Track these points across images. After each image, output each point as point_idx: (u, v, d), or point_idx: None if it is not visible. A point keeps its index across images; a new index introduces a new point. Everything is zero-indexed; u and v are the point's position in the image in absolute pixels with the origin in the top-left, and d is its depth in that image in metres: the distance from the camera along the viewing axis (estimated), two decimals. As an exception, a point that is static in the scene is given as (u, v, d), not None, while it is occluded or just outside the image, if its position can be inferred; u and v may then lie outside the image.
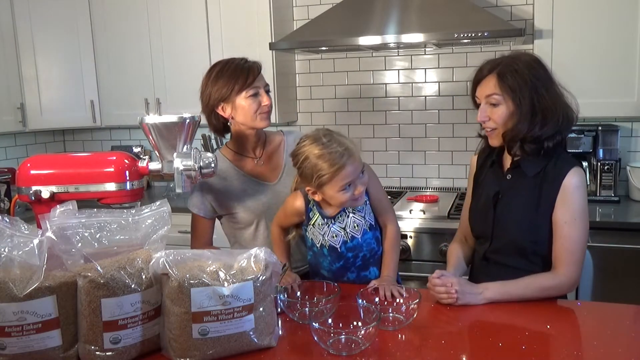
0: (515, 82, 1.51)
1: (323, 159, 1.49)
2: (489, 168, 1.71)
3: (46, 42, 3.34)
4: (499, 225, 1.63)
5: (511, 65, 1.54)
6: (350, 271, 1.69)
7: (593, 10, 2.64)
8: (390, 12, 2.83)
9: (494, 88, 1.55)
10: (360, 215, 1.64)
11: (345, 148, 1.50)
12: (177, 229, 3.06)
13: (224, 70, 1.78)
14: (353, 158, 1.51)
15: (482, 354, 1.23)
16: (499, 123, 1.55)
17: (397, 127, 3.34)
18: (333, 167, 1.48)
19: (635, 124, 2.98)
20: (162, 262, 1.19)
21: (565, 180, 1.52)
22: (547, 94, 1.52)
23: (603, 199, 2.82)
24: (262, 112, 1.78)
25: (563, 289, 1.53)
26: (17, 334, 1.15)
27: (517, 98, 1.51)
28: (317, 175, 1.50)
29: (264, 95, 1.78)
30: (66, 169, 1.45)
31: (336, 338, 1.25)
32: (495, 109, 1.55)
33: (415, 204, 2.92)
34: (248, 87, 1.74)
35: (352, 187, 1.53)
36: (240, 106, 1.76)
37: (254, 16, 3.10)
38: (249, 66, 1.77)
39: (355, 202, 1.59)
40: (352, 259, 1.67)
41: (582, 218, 1.53)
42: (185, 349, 1.18)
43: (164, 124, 1.43)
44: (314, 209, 1.65)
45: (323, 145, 1.50)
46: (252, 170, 1.87)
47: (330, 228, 1.64)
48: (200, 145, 3.34)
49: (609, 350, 1.22)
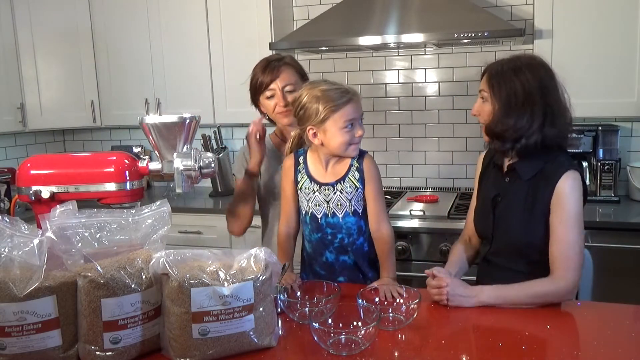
0: (501, 79, 1.55)
1: (330, 92, 1.55)
2: (492, 168, 1.72)
3: (46, 42, 3.34)
4: (498, 227, 1.63)
5: (506, 64, 1.57)
6: (329, 250, 1.69)
7: (593, 10, 2.64)
8: (390, 12, 2.83)
9: (484, 84, 1.60)
10: (347, 198, 1.63)
11: (347, 87, 1.58)
12: (177, 229, 3.07)
13: (254, 74, 1.90)
14: (357, 97, 1.57)
15: (482, 354, 1.23)
16: (485, 119, 1.59)
17: (397, 127, 3.34)
18: (341, 99, 1.54)
19: (635, 124, 2.98)
20: (162, 262, 1.19)
21: (558, 184, 1.50)
22: (548, 96, 1.53)
23: (603, 199, 2.82)
24: (278, 112, 1.88)
25: (561, 295, 1.48)
26: (17, 334, 1.15)
27: (497, 95, 1.55)
28: (323, 107, 1.53)
29: (280, 96, 1.85)
30: (66, 169, 1.45)
31: (336, 338, 1.25)
32: (484, 104, 1.60)
33: (415, 204, 2.92)
34: (265, 89, 1.86)
35: (354, 127, 1.57)
36: (264, 105, 1.91)
37: (254, 16, 3.10)
38: (273, 66, 1.86)
39: (350, 149, 1.59)
40: (330, 237, 1.67)
41: (576, 222, 1.50)
42: (185, 349, 1.18)
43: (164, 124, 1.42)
44: (302, 171, 1.67)
45: (327, 84, 1.58)
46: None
47: (314, 195, 1.65)
48: (200, 145, 3.35)
49: (609, 350, 1.22)
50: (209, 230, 3.06)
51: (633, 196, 2.87)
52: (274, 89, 1.85)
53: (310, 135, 1.59)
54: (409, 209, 2.76)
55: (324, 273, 1.71)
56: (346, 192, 1.63)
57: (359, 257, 1.70)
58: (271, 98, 1.86)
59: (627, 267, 2.47)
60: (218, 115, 3.28)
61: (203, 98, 3.27)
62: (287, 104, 1.82)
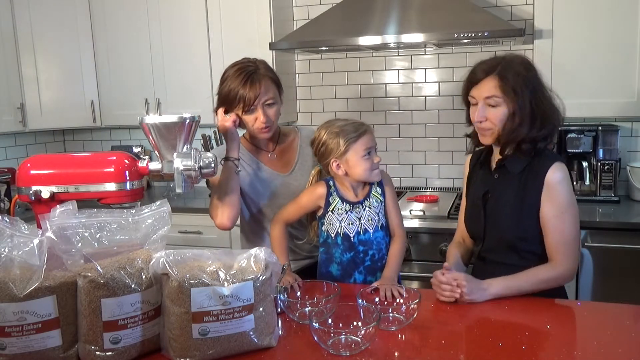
0: (517, 85, 1.54)
1: (347, 127, 1.69)
2: (479, 169, 1.75)
3: (46, 42, 3.34)
4: (490, 223, 1.66)
5: (511, 68, 1.56)
6: (359, 270, 1.72)
7: (593, 10, 2.64)
8: (390, 12, 2.83)
9: (494, 90, 1.56)
10: (375, 212, 1.73)
11: (360, 121, 1.72)
12: (177, 229, 3.07)
13: (231, 86, 1.77)
14: (370, 129, 1.72)
15: (482, 354, 1.23)
16: (496, 124, 1.58)
17: (397, 127, 3.34)
18: (357, 131, 1.68)
19: (635, 124, 2.98)
20: (162, 262, 1.19)
21: (547, 176, 1.56)
22: (543, 97, 1.57)
23: (603, 199, 2.82)
24: (258, 128, 1.79)
25: (564, 279, 1.58)
26: (17, 334, 1.15)
27: (519, 100, 1.54)
28: (344, 141, 1.66)
29: (260, 112, 1.77)
30: (66, 169, 1.45)
31: (336, 338, 1.26)
32: (494, 110, 1.57)
33: (415, 204, 2.92)
34: (247, 105, 1.75)
35: (372, 154, 1.69)
36: (242, 118, 1.79)
37: (254, 16, 3.10)
38: (253, 80, 1.74)
39: (374, 174, 1.71)
40: (362, 255, 1.71)
41: (570, 210, 1.57)
42: (185, 349, 1.18)
43: (164, 124, 1.42)
44: (334, 194, 1.74)
45: (341, 120, 1.72)
46: (266, 162, 1.93)
47: (347, 215, 1.72)
48: (200, 145, 3.34)
49: (609, 350, 1.22)
50: (209, 230, 3.05)
51: (633, 196, 2.87)
52: (255, 105, 1.76)
53: (334, 168, 1.70)
54: (409, 209, 2.76)
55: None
56: (374, 207, 1.74)
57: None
58: (250, 112, 1.77)
59: (627, 267, 2.47)
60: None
61: (203, 98, 3.26)
62: (268, 119, 1.77)
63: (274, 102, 1.80)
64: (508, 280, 1.54)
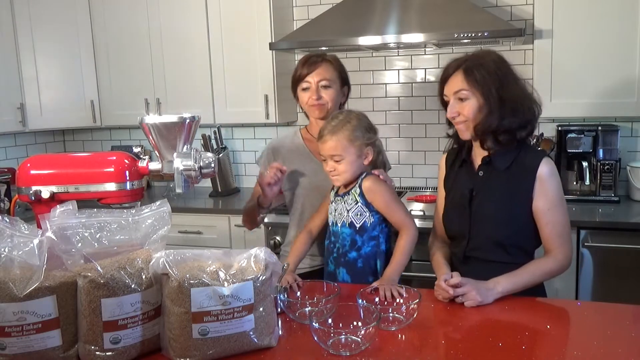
0: (481, 76, 1.57)
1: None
2: (458, 168, 1.74)
3: (46, 42, 3.34)
4: (476, 222, 1.65)
5: (476, 61, 1.60)
6: (330, 261, 1.78)
7: (593, 10, 2.64)
8: (390, 12, 2.83)
9: (461, 84, 1.60)
10: (346, 208, 1.73)
11: (337, 123, 1.71)
12: (177, 229, 3.07)
13: (296, 67, 2.00)
14: (334, 137, 1.69)
15: (482, 354, 1.23)
16: (469, 117, 1.60)
17: (397, 127, 3.34)
18: (319, 133, 1.74)
19: (635, 124, 2.98)
20: (162, 262, 1.19)
21: (539, 171, 1.58)
22: (512, 86, 1.58)
23: (603, 199, 2.82)
24: (310, 105, 1.94)
25: (564, 268, 1.62)
26: (17, 334, 1.15)
27: (485, 91, 1.56)
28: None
29: (313, 90, 1.93)
30: (66, 169, 1.45)
31: (336, 338, 1.25)
32: (464, 103, 1.60)
33: (415, 204, 2.92)
34: (301, 81, 1.95)
35: (327, 161, 1.72)
36: (299, 96, 1.99)
37: (254, 16, 3.10)
38: (312, 61, 1.94)
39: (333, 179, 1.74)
40: (332, 245, 1.77)
41: (561, 203, 1.61)
42: (185, 349, 1.18)
43: (164, 124, 1.42)
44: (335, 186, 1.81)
45: (337, 112, 1.81)
46: (316, 151, 1.94)
47: (332, 204, 1.78)
48: (200, 145, 3.35)
49: (609, 350, 1.22)
50: (209, 230, 3.06)
51: (633, 196, 2.87)
52: (310, 82, 1.92)
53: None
54: (409, 209, 2.74)
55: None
56: (347, 204, 1.73)
57: (354, 274, 1.73)
58: (306, 90, 1.94)
59: (627, 267, 2.47)
60: (218, 115, 3.28)
61: (203, 98, 3.27)
62: (320, 97, 1.91)
63: (329, 85, 1.94)
64: (513, 277, 1.54)
